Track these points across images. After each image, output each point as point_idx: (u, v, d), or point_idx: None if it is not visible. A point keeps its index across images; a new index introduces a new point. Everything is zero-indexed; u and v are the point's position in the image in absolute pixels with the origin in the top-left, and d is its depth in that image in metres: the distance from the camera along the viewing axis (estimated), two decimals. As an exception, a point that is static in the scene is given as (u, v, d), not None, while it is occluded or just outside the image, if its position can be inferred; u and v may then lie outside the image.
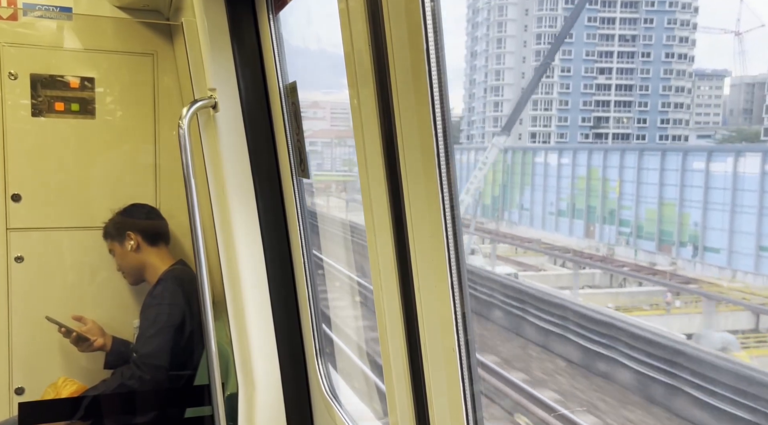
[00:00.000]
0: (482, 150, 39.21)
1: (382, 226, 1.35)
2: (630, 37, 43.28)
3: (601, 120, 44.40)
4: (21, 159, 2.89)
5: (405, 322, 1.37)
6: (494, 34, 46.74)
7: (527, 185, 35.05)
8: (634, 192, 29.17)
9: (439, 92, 1.16)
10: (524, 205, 35.07)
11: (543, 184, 34.18)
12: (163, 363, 2.73)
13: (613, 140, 44.20)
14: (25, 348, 2.94)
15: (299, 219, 2.18)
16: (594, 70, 43.93)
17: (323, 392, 2.15)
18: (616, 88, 43.96)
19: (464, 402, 1.29)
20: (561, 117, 44.65)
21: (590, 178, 31.81)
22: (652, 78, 43.93)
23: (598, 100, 44.09)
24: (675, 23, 43.58)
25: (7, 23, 2.84)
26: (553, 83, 43.97)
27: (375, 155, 1.32)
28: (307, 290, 2.20)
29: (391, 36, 1.19)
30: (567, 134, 44.75)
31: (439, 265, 1.24)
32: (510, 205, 36.37)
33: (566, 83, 44.83)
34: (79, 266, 3.08)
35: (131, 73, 3.02)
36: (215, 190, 2.30)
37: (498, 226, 34.24)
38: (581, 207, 32.01)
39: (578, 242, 30.81)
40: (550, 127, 44.66)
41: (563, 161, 33.78)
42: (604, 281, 24.93)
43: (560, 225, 33.11)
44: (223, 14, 2.11)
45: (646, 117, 44.12)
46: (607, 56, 43.58)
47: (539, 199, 34.09)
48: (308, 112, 14.99)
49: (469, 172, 38.86)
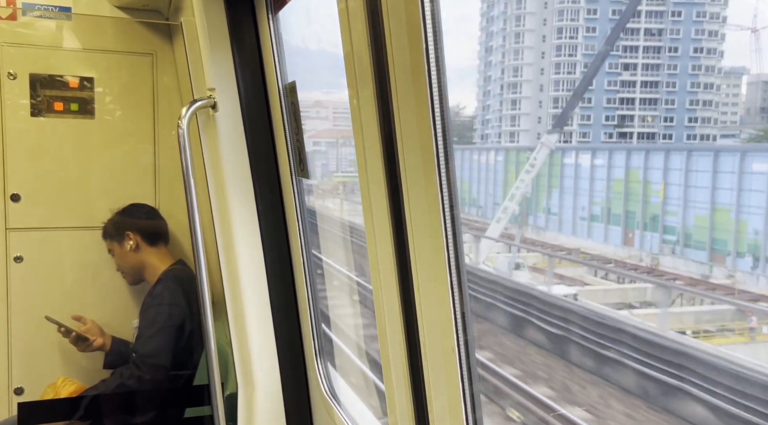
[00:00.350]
0: (500, 150, 37.61)
1: (382, 227, 1.35)
2: (656, 30, 41.22)
3: (625, 118, 41.94)
4: (20, 159, 2.89)
5: (404, 323, 1.37)
6: (512, 28, 44.18)
7: (555, 187, 32.70)
8: (681, 196, 26.65)
9: (438, 93, 1.16)
10: (551, 209, 32.81)
11: (573, 186, 31.57)
12: (162, 363, 2.73)
13: (637, 140, 41.61)
14: (24, 348, 2.93)
15: (299, 219, 2.18)
16: (618, 65, 41.44)
17: (323, 392, 2.15)
18: (642, 85, 41.60)
19: (464, 402, 1.29)
20: (583, 115, 42.16)
21: (629, 180, 29.14)
22: (680, 74, 41.47)
23: (622, 98, 41.87)
24: (704, 16, 41.18)
25: (7, 23, 2.84)
26: (575, 80, 41.52)
27: (374, 156, 1.32)
28: (306, 290, 2.20)
29: (391, 36, 1.19)
30: (590, 133, 42.61)
31: (439, 266, 1.24)
32: (535, 209, 33.95)
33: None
34: (79, 266, 3.08)
35: (130, 72, 3.02)
36: (215, 190, 2.30)
37: (522, 232, 31.09)
38: (618, 212, 29.36)
39: (616, 250, 28.17)
40: (572, 125, 42.28)
41: (597, 162, 31.02)
42: (657, 297, 21.20)
43: (593, 231, 30.55)
44: (222, 14, 2.11)
45: (672, 115, 41.58)
46: (632, 51, 41.13)
47: (569, 202, 31.61)
48: (311, 112, 14.80)
49: (488, 173, 36.55)
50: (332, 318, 6.40)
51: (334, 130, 21.06)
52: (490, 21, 47.73)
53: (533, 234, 31.31)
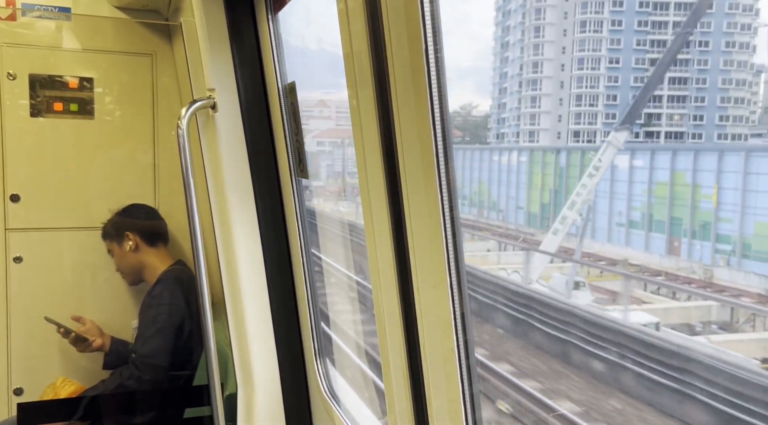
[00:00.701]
0: (524, 150, 34.80)
1: (382, 227, 1.35)
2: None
3: (652, 117, 39.02)
4: (20, 159, 2.89)
5: (404, 323, 1.37)
6: (531, 22, 41.30)
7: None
8: (739, 201, 23.30)
9: (438, 93, 1.16)
10: (583, 214, 28.93)
11: (609, 190, 28.19)
12: (162, 363, 2.73)
13: (665, 139, 38.42)
14: (23, 349, 2.93)
15: (298, 219, 2.18)
16: (645, 61, 38.44)
17: (322, 392, 2.15)
18: (670, 82, 38.51)
19: (463, 402, 1.29)
20: (608, 113, 38.95)
21: (675, 183, 25.70)
22: (711, 70, 38.06)
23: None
24: (737, 8, 38.20)
25: (6, 23, 2.83)
26: (599, 76, 38.71)
27: (374, 156, 1.32)
28: (306, 290, 2.20)
29: (390, 37, 1.19)
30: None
31: (439, 266, 1.24)
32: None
33: (614, 76, 39.35)
34: (78, 266, 3.08)
35: (130, 73, 3.02)
36: (214, 190, 2.30)
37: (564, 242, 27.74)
38: (661, 218, 25.94)
39: (660, 260, 24.93)
40: (596, 124, 39.50)
41: (637, 163, 27.56)
42: (724, 316, 17.96)
43: (632, 238, 27.10)
44: (222, 14, 2.11)
45: (702, 113, 38.16)
46: (660, 46, 37.96)
47: (604, 207, 28.23)
48: (314, 112, 14.54)
49: (509, 175, 33.21)
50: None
51: (340, 129, 20.74)
52: (507, 15, 45.12)
53: (564, 241, 27.92)
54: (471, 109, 48.08)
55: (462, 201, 35.93)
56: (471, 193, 36.70)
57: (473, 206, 36.47)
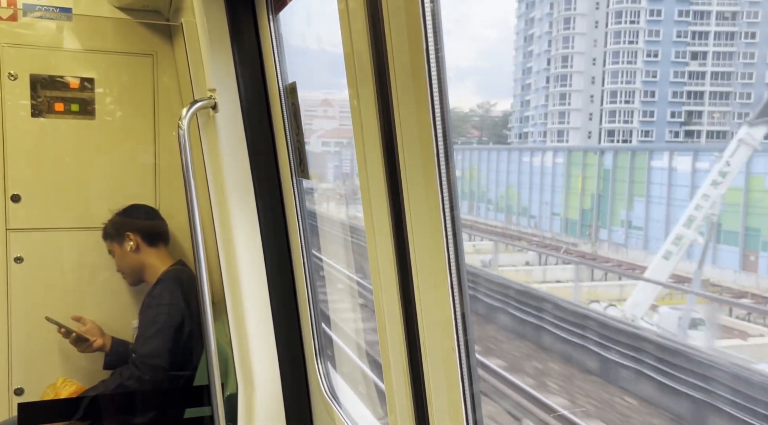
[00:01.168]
0: (560, 151, 31.04)
1: (382, 227, 1.36)
2: (730, 14, 34.43)
3: (692, 115, 35.13)
4: (21, 159, 2.89)
5: (405, 323, 1.37)
6: (560, 13, 37.89)
7: (639, 196, 25.42)
8: None
9: (438, 93, 1.16)
10: (633, 222, 25.34)
11: (666, 195, 24.19)
12: (162, 364, 2.73)
13: (706, 139, 34.63)
14: (24, 349, 2.93)
15: (299, 220, 2.18)
16: (686, 54, 34.67)
17: (323, 392, 2.15)
18: (712, 77, 34.81)
19: (464, 402, 1.29)
20: (646, 111, 35.19)
21: (750, 189, 22.04)
22: (758, 64, 33.80)
23: (690, 91, 34.90)
24: None
25: (7, 24, 2.84)
26: (635, 70, 35.03)
27: (375, 156, 1.32)
28: (306, 290, 2.20)
29: (391, 36, 1.19)
30: (653, 132, 35.28)
31: (439, 266, 1.24)
32: (609, 222, 26.35)
33: (652, 70, 35.34)
34: (79, 267, 3.08)
35: (131, 73, 3.02)
36: (215, 191, 2.30)
37: (595, 249, 24.69)
38: (733, 228, 22.36)
39: (735, 277, 21.06)
40: (632, 123, 35.59)
41: (700, 166, 23.62)
42: None
43: (695, 251, 22.04)
44: (222, 15, 2.11)
45: (748, 111, 32.64)
46: (702, 38, 34.42)
47: (659, 215, 24.30)
48: (318, 111, 14.22)
49: (543, 178, 29.74)
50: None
51: (347, 129, 20.23)
52: (530, 6, 41.23)
53: (610, 251, 24.61)
54: (489, 107, 45.56)
55: (487, 206, 33.23)
56: (497, 197, 33.22)
57: (500, 211, 33.17)
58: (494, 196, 33.39)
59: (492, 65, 47.69)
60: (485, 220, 31.84)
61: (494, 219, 32.72)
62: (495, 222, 32.11)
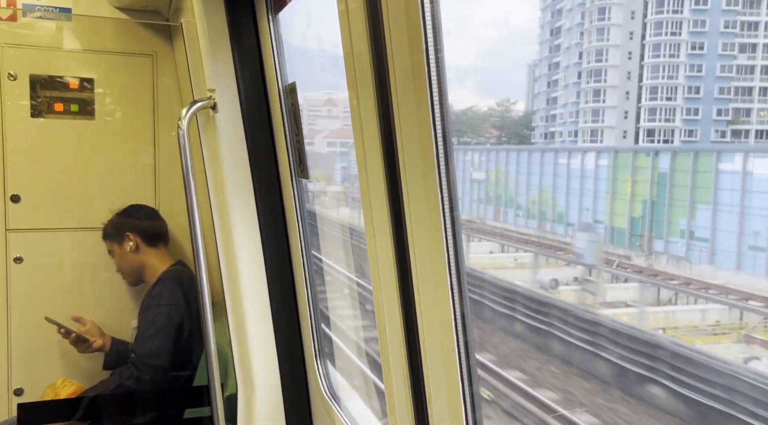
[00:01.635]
0: (604, 152, 28.01)
1: (382, 228, 1.36)
2: None
3: (740, 112, 31.95)
4: (20, 160, 2.89)
5: (404, 323, 1.37)
6: (594, 2, 34.44)
7: (704, 203, 22.02)
8: None
9: (438, 94, 1.16)
10: (696, 233, 22.28)
11: (740, 203, 21.14)
12: (161, 364, 2.73)
13: (755, 139, 31.24)
14: (24, 349, 2.93)
15: (298, 220, 2.18)
16: (734, 46, 31.49)
17: (322, 393, 2.15)
18: (763, 71, 31.46)
19: (463, 402, 1.29)
20: (689, 108, 32.17)
21: None
22: None
23: (738, 87, 31.63)
24: None
25: (7, 24, 2.84)
26: (678, 64, 32.18)
27: (375, 157, 1.32)
28: (306, 290, 2.20)
29: (391, 37, 1.19)
30: (697, 131, 32.09)
31: (439, 266, 1.24)
32: (666, 232, 23.06)
33: (697, 64, 32.23)
34: (79, 267, 3.08)
35: (131, 73, 3.02)
36: (214, 191, 2.30)
37: (650, 262, 21.36)
38: None
39: None
40: (674, 121, 32.53)
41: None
42: None
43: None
44: (222, 15, 2.11)
45: None
46: (752, 29, 31.31)
47: (729, 224, 21.20)
48: (322, 111, 13.73)
49: (583, 182, 26.38)
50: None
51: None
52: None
53: (669, 265, 21.70)
54: (509, 105, 43.26)
55: (516, 211, 29.98)
56: (528, 202, 30.25)
57: (531, 218, 30.01)
58: (525, 201, 30.32)
59: (509, 62, 44.80)
60: (516, 227, 28.34)
61: (524, 225, 29.44)
62: (527, 229, 28.82)
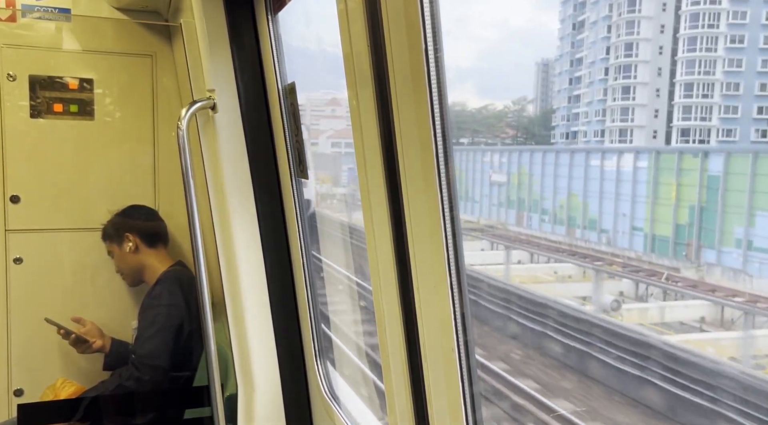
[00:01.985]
0: (644, 153, 25.38)
1: (382, 228, 1.36)
2: None
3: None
4: (20, 160, 2.89)
5: (404, 323, 1.37)
6: None
7: (763, 210, 19.51)
8: None
9: (438, 94, 1.16)
10: (755, 243, 19.68)
11: None
12: (161, 364, 2.73)
13: None
14: (24, 350, 2.93)
15: (298, 220, 2.18)
16: None
17: (322, 393, 2.15)
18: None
19: (463, 402, 1.29)
20: (727, 106, 29.44)
21: None
22: None
23: None
24: None
25: (6, 24, 2.84)
26: (716, 59, 29.77)
27: (374, 157, 1.32)
28: (306, 291, 2.20)
29: (390, 37, 1.19)
30: (736, 130, 29.16)
31: (439, 266, 1.24)
32: (719, 241, 20.50)
33: (736, 59, 29.47)
34: (78, 268, 3.08)
35: (130, 74, 3.02)
36: (214, 191, 2.30)
37: (701, 275, 19.34)
38: None
39: None
40: (711, 120, 30.00)
41: None
42: None
43: None
44: (221, 15, 2.11)
45: None
46: None
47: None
48: (326, 111, 13.46)
49: (618, 186, 24.03)
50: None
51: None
52: None
53: (725, 279, 19.39)
54: (526, 103, 41.28)
55: (542, 216, 27.70)
56: (555, 206, 27.94)
57: (558, 223, 27.78)
58: (551, 206, 27.99)
59: (529, 58, 42.66)
60: (542, 234, 26.26)
61: (550, 231, 27.33)
62: (554, 236, 26.73)
